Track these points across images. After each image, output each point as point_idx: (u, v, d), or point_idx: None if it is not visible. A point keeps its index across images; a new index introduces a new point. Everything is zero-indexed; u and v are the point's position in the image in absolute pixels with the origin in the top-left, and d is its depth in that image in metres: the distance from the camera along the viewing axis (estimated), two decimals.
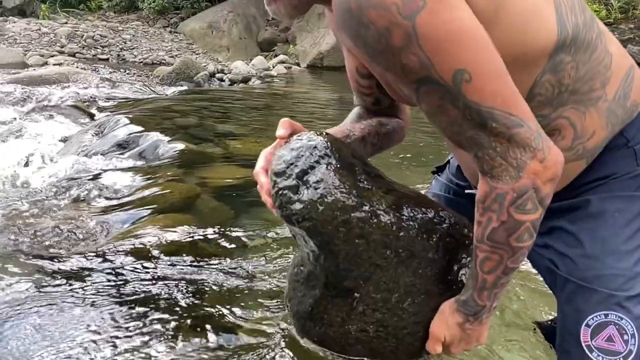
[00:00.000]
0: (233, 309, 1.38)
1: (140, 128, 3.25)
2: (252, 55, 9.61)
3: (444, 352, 0.91)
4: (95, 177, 2.52)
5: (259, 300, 1.42)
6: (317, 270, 0.90)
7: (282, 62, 8.68)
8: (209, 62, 8.60)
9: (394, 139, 1.05)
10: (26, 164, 2.92)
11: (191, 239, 1.83)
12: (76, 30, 9.68)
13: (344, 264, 0.85)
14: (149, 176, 2.51)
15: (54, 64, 7.17)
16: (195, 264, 1.65)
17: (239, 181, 2.49)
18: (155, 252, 1.70)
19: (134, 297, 1.42)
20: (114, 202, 2.23)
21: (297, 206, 0.82)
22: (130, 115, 3.60)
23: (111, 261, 1.63)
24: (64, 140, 3.41)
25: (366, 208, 0.83)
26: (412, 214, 0.88)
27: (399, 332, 0.91)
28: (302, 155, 0.84)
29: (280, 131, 0.90)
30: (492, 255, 0.77)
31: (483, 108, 0.67)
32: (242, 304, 1.40)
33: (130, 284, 1.49)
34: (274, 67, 8.20)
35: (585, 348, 0.81)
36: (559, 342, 0.88)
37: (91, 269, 1.56)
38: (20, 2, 12.11)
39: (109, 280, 1.50)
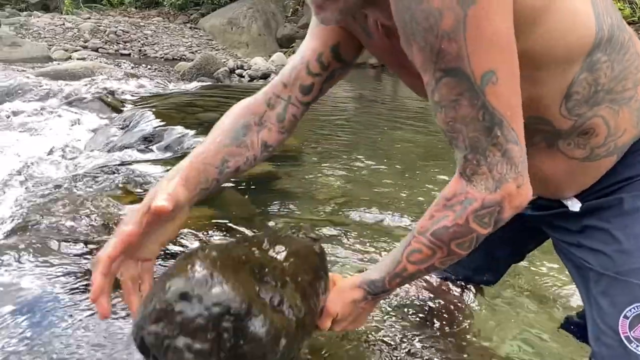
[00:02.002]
0: None
1: (164, 122, 3.31)
2: (271, 51, 9.67)
3: (330, 329, 0.92)
4: (122, 169, 2.58)
5: None
6: None
7: None
8: (228, 58, 8.69)
9: (261, 161, 1.01)
10: (54, 156, 3.00)
11: (215, 231, 1.87)
12: (99, 26, 9.85)
13: None
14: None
15: (78, 59, 7.32)
16: None
17: (263, 175, 2.53)
18: (178, 244, 1.74)
19: None
20: (141, 193, 2.28)
21: None
22: (155, 110, 3.66)
23: None
24: (91, 132, 3.49)
25: (294, 325, 0.76)
26: (312, 291, 0.84)
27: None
28: (219, 324, 0.67)
29: (163, 203, 0.76)
30: (426, 249, 0.78)
31: (496, 112, 0.68)
32: None
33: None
34: None
35: (624, 339, 0.82)
36: (595, 335, 0.89)
37: None
38: None
39: None
